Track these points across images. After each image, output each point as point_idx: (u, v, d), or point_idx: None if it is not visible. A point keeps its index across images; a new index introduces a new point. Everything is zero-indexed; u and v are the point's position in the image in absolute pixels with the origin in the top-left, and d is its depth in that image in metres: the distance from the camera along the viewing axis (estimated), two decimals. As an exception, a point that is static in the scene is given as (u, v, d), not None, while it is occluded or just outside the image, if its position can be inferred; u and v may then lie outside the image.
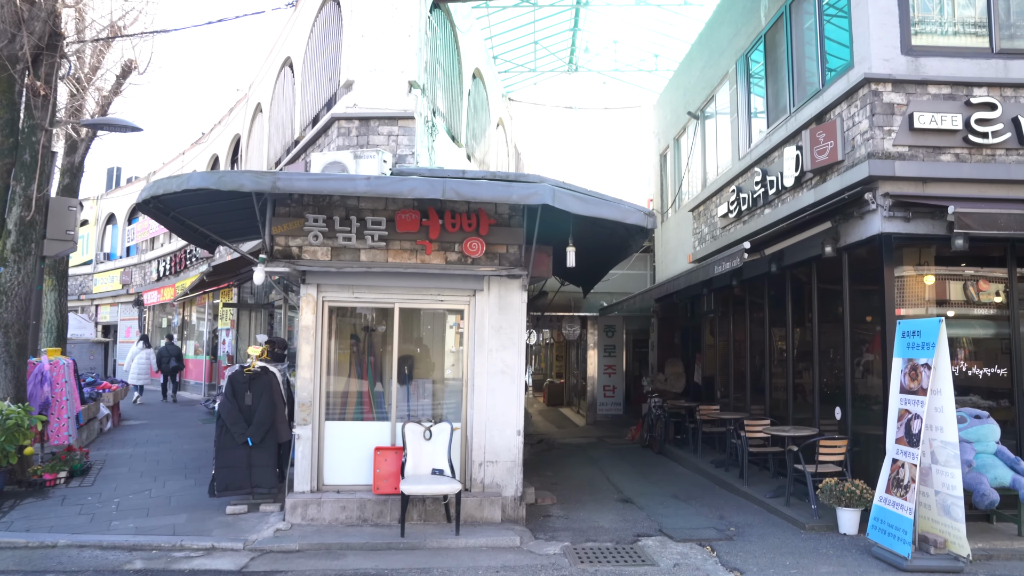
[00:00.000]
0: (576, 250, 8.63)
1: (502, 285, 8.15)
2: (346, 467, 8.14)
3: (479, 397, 8.16)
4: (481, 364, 8.14)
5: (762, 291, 11.96)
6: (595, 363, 20.86)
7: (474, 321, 8.19)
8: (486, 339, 8.16)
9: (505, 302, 8.15)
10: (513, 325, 8.17)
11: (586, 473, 12.11)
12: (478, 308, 8.16)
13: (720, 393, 13.98)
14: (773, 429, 9.53)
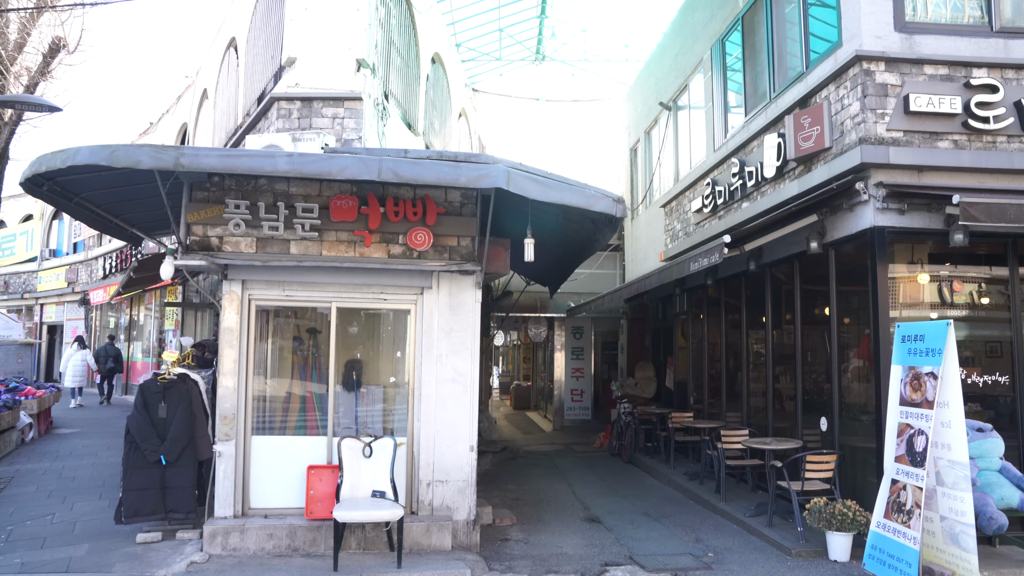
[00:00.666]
0: (539, 245, 7.76)
1: (453, 282, 7.23)
2: (276, 488, 7.15)
3: (427, 408, 7.22)
4: (429, 371, 7.21)
5: (739, 291, 11.18)
6: (562, 366, 20.02)
7: (421, 323, 7.26)
8: (435, 343, 7.23)
9: (456, 301, 7.23)
10: (465, 327, 7.26)
11: (551, 486, 11.23)
12: (426, 308, 7.23)
13: (693, 399, 13.20)
14: (753, 441, 8.73)
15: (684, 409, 13.30)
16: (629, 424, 13.80)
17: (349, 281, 7.06)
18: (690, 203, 13.00)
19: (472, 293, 7.24)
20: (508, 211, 7.89)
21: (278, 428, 7.41)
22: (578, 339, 20.13)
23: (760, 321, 10.67)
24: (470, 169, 5.79)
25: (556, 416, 19.98)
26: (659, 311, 15.72)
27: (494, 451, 15.34)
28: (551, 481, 11.73)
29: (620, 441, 14.41)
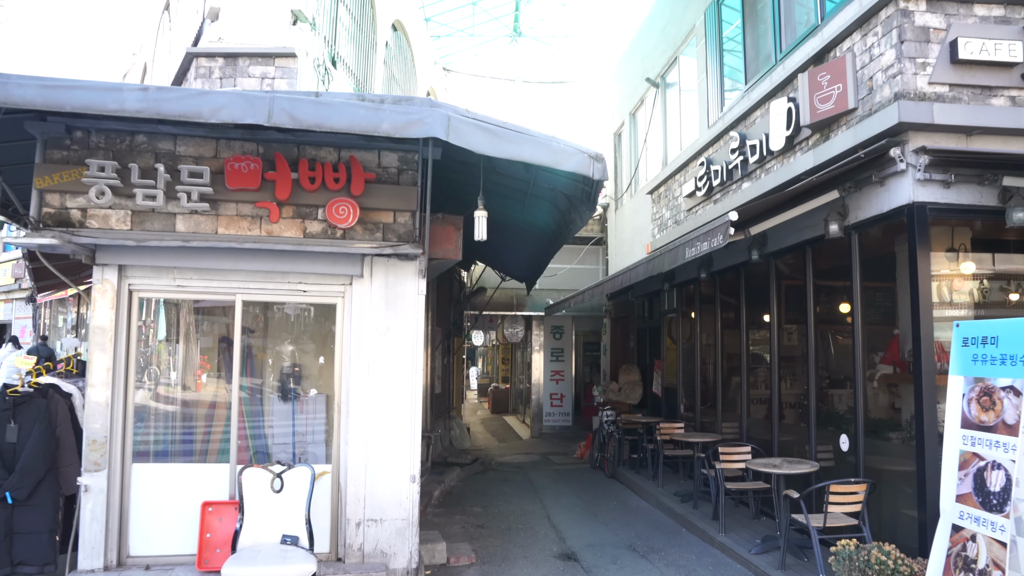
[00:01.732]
0: (506, 230, 6.40)
1: (390, 270, 5.74)
2: (163, 530, 5.64)
3: (357, 427, 5.73)
4: (360, 381, 5.72)
5: (737, 286, 9.77)
6: (541, 368, 18.58)
7: (350, 320, 5.76)
8: (368, 345, 5.74)
9: (395, 293, 5.75)
10: (406, 325, 5.77)
11: (523, 508, 9.77)
12: (356, 302, 5.73)
13: (684, 407, 11.78)
14: (759, 464, 7.30)
15: (673, 418, 11.90)
16: (612, 434, 12.38)
17: (257, 268, 5.55)
18: (680, 187, 11.59)
19: (414, 283, 5.76)
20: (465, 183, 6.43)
21: (171, 453, 5.88)
22: (558, 339, 18.69)
23: (762, 320, 9.26)
24: (396, 113, 4.30)
25: (534, 422, 18.53)
26: (645, 309, 14.30)
27: (464, 463, 13.87)
28: (524, 501, 10.27)
29: (602, 453, 12.98)
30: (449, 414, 16.22)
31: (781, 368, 8.62)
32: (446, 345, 15.88)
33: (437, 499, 10.34)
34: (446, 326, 15.91)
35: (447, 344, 15.98)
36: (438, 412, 14.84)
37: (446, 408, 15.88)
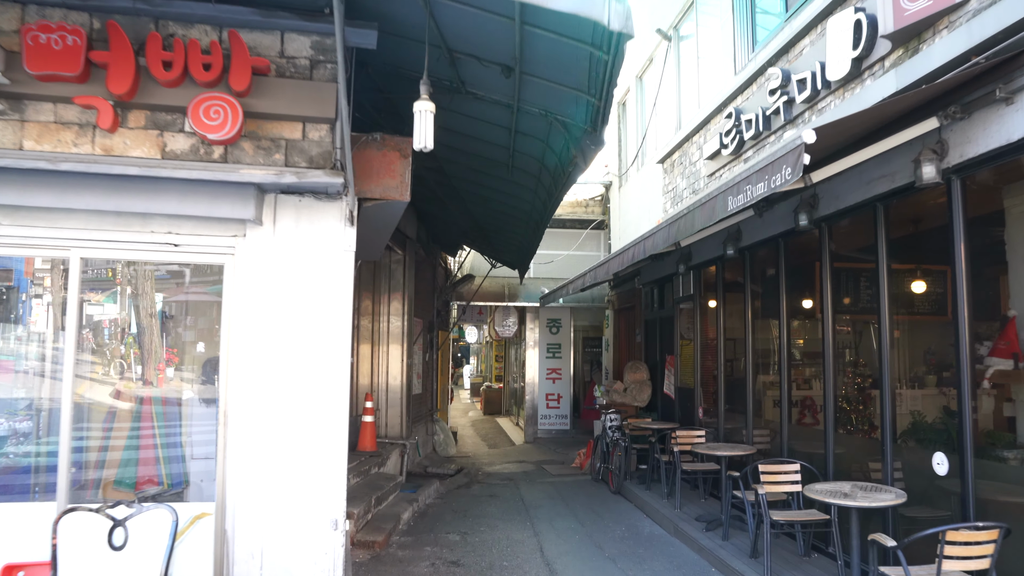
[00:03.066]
0: (494, 195, 4.54)
1: (302, 214, 3.92)
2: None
3: (250, 449, 3.90)
4: (255, 380, 3.89)
5: (774, 264, 7.92)
6: (536, 366, 16.74)
7: (243, 288, 3.92)
8: (268, 327, 3.91)
9: (310, 249, 3.92)
10: (328, 297, 3.95)
11: (510, 535, 7.92)
12: (251, 261, 3.90)
13: (702, 411, 9.93)
14: (822, 490, 5.45)
15: (689, 424, 10.06)
16: (618, 442, 10.53)
17: (98, 205, 3.70)
18: (699, 150, 9.75)
19: (338, 234, 3.93)
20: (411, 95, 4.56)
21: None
22: (555, 334, 16.85)
23: (808, 307, 7.45)
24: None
25: (528, 425, 16.68)
26: (654, 298, 12.44)
27: (446, 474, 12.02)
28: (512, 526, 8.42)
29: (605, 463, 11.14)
30: (432, 417, 14.37)
31: (836, 367, 6.77)
32: (428, 339, 14.03)
33: (407, 523, 8.50)
34: (428, 318, 14.06)
35: (430, 338, 14.13)
36: (417, 415, 12.98)
37: (428, 411, 14.03)
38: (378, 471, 9.58)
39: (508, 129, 5.40)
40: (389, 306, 11.54)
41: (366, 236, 5.27)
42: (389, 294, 11.56)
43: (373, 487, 8.68)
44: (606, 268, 8.38)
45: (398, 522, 8.26)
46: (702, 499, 9.07)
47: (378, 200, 4.12)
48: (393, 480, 9.36)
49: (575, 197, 16.81)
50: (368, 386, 11.15)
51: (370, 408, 9.94)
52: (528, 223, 9.04)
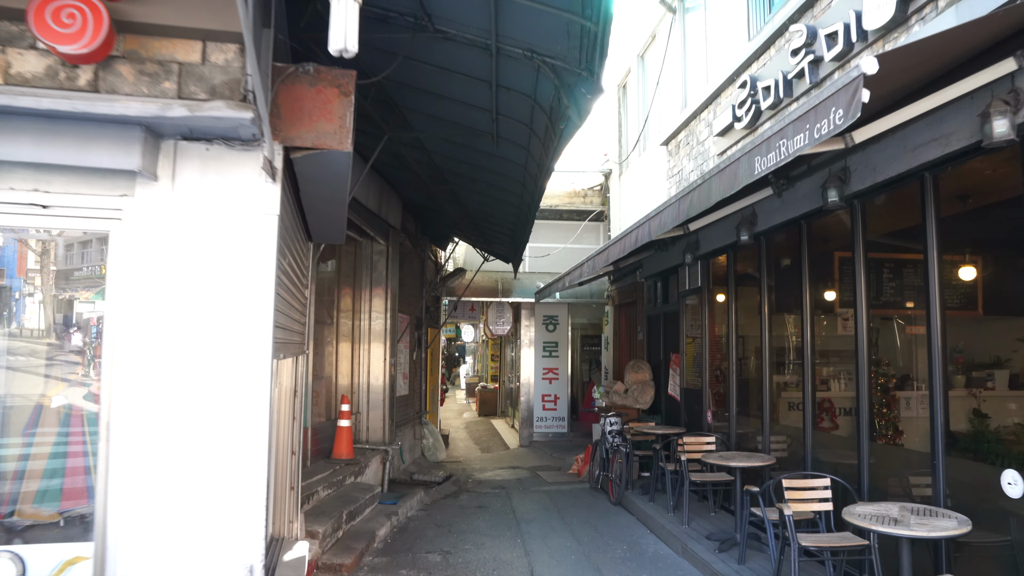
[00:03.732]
0: (477, 170, 3.70)
1: (208, 166, 3.04)
2: None
3: (140, 469, 2.99)
4: (147, 381, 3.00)
5: (795, 250, 7.03)
6: (531, 365, 15.85)
7: (133, 262, 3.01)
8: (165, 313, 3.00)
9: (219, 212, 3.03)
10: (244, 275, 3.03)
11: (498, 555, 7.02)
12: (143, 228, 3.01)
13: (711, 415, 9.04)
14: (865, 513, 4.55)
15: (697, 429, 9.19)
16: (618, 448, 9.64)
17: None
18: (708, 127, 8.87)
19: (260, 193, 3.02)
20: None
21: None
22: (551, 332, 15.95)
23: (831, 301, 6.59)
24: None
25: (523, 428, 15.80)
26: (657, 292, 11.55)
27: (433, 481, 11.13)
28: (501, 544, 7.53)
29: (605, 471, 10.26)
30: (420, 420, 13.48)
31: (871, 366, 5.88)
32: (416, 337, 13.14)
33: (383, 540, 7.61)
34: (416, 314, 13.17)
35: (418, 336, 13.23)
36: (403, 419, 12.08)
37: (415, 413, 13.14)
38: (355, 481, 8.68)
39: (488, 83, 4.52)
40: (371, 301, 10.65)
41: (315, 207, 4.39)
42: (371, 288, 10.67)
43: (346, 500, 7.79)
44: (605, 255, 7.48)
45: (372, 540, 7.37)
46: (712, 513, 8.18)
47: (310, 150, 3.21)
48: (371, 491, 8.47)
49: (572, 187, 15.93)
50: (348, 387, 10.26)
51: (346, 411, 9.05)
52: (520, 207, 8.16)
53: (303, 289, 5.60)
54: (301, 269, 5.16)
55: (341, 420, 9.02)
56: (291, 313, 4.37)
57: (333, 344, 9.72)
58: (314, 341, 8.74)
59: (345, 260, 10.21)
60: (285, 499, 5.79)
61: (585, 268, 8.50)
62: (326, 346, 9.36)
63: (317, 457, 8.78)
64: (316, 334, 8.82)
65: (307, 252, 5.80)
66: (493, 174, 7.30)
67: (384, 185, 9.94)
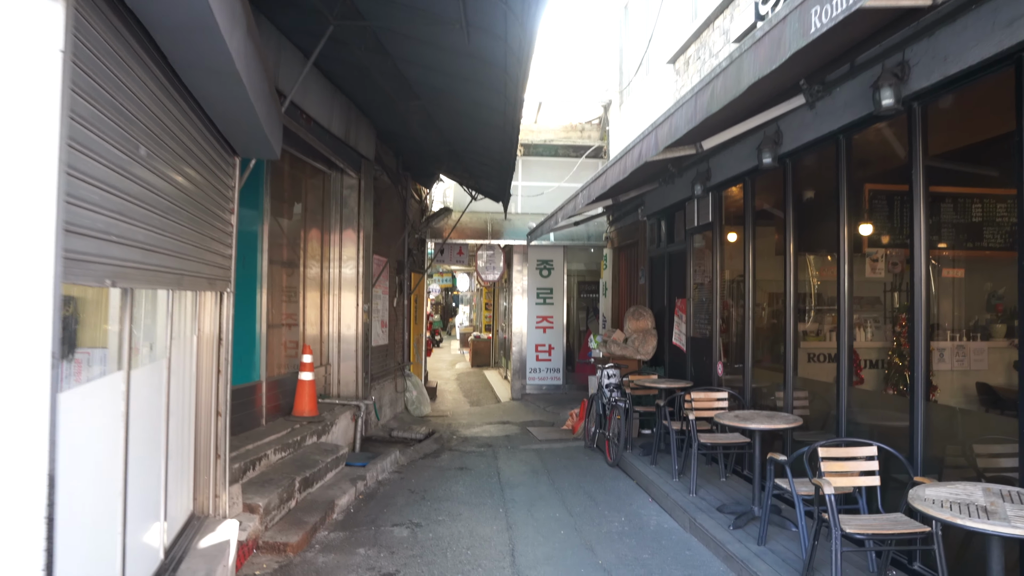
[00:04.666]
0: (444, 76, 2.58)
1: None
2: None
3: None
4: None
5: (830, 174, 5.86)
6: (524, 313, 14.78)
7: None
8: None
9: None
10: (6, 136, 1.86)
11: (474, 529, 6.02)
12: None
13: (722, 367, 7.97)
14: (940, 498, 3.47)
15: (705, 383, 8.15)
16: (616, 403, 8.61)
17: None
18: (723, 35, 7.62)
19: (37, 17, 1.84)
20: None
21: None
22: (545, 277, 14.84)
23: (877, 236, 5.46)
24: None
25: (515, 380, 14.81)
26: (661, 231, 10.39)
27: (414, 439, 10.18)
28: (480, 514, 6.53)
29: (601, 429, 9.25)
30: (403, 372, 12.46)
31: (931, 316, 4.77)
32: (397, 282, 12.04)
33: (344, 511, 6.61)
34: (398, 257, 12.05)
35: (399, 280, 12.13)
36: (382, 371, 11.05)
37: (397, 365, 12.11)
38: (316, 441, 7.67)
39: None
40: (341, 241, 9.51)
41: (208, 93, 3.23)
42: (341, 226, 9.52)
43: (303, 464, 6.77)
44: (603, 180, 6.31)
45: (330, 511, 6.37)
46: (722, 478, 7.18)
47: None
48: (335, 453, 7.46)
49: (568, 120, 14.63)
50: (316, 337, 9.18)
51: (308, 363, 7.98)
52: (503, 127, 6.97)
53: (220, 213, 4.45)
54: (207, 180, 4.01)
55: (302, 373, 7.96)
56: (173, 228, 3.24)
57: (299, 288, 8.62)
58: (272, 283, 7.63)
59: (312, 195, 9.04)
60: (209, 469, 4.74)
61: (580, 199, 7.33)
62: (288, 290, 8.25)
63: (275, 415, 7.75)
64: (274, 276, 7.71)
65: (229, 166, 4.63)
66: (468, 83, 6.10)
67: (351, 108, 8.71)
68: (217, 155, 4.28)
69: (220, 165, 4.38)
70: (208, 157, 4.05)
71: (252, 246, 7.20)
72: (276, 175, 7.75)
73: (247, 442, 6.53)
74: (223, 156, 4.45)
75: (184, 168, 3.52)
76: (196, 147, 3.74)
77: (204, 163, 3.95)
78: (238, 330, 6.99)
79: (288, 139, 7.79)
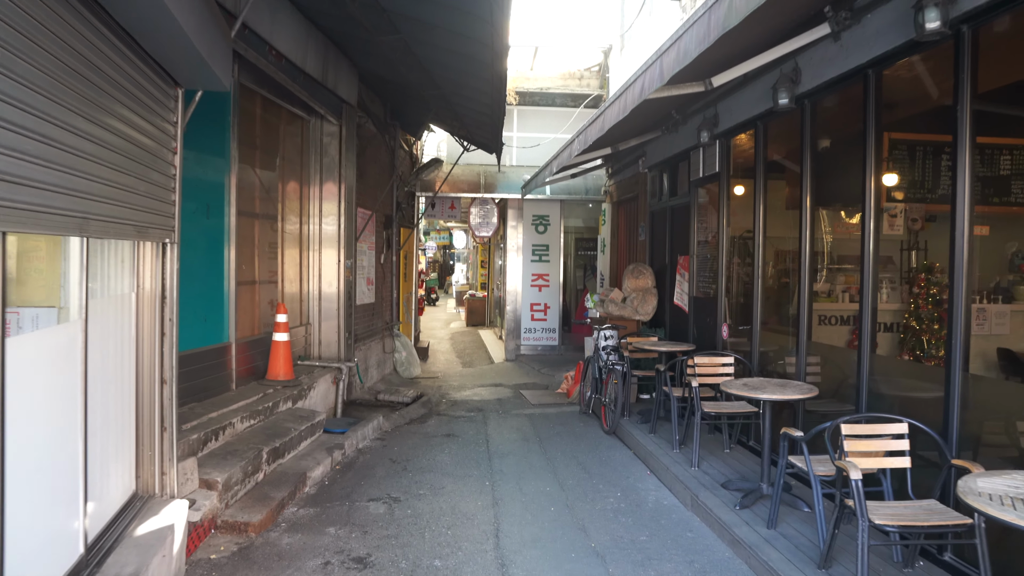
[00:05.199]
0: None
1: None
2: None
3: None
4: None
5: (855, 115, 5.23)
6: (519, 270, 14.21)
7: None
8: None
9: None
10: None
11: (457, 505, 5.52)
12: None
13: (727, 330, 7.42)
14: (996, 491, 2.93)
15: (709, 346, 7.61)
16: (614, 367, 8.08)
17: None
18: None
19: None
20: None
21: None
22: (541, 233, 14.22)
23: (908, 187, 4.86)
24: None
25: (510, 340, 14.30)
26: (663, 183, 9.75)
27: (401, 403, 9.70)
28: (464, 488, 6.03)
29: (597, 394, 8.74)
30: (392, 331, 11.92)
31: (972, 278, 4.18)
32: (385, 237, 11.44)
33: (317, 484, 6.11)
34: (385, 211, 11.43)
35: (387, 236, 11.53)
36: (368, 330, 10.52)
37: (385, 324, 11.57)
38: (291, 407, 7.15)
39: None
40: (321, 192, 8.89)
41: None
42: (321, 176, 8.88)
43: (274, 432, 6.25)
44: (600, 123, 5.66)
45: (302, 484, 5.87)
46: (726, 450, 6.69)
47: None
48: (310, 419, 6.94)
49: (566, 68, 13.86)
50: (296, 295, 8.61)
51: (283, 323, 7.42)
52: (492, 64, 6.28)
53: (157, 153, 3.83)
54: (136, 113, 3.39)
55: (276, 333, 7.41)
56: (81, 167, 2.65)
57: (276, 242, 8.02)
58: (243, 237, 7.02)
59: (289, 143, 8.39)
60: (154, 444, 4.20)
61: (575, 145, 6.68)
62: (263, 244, 7.65)
63: (248, 378, 7.22)
64: (245, 229, 7.11)
65: (167, 98, 4.00)
66: (450, 11, 5.41)
67: (329, 47, 8.01)
68: (150, 84, 3.65)
69: (155, 96, 3.75)
70: (135, 85, 3.42)
71: (218, 196, 6.59)
72: (245, 119, 7.10)
73: (212, 409, 5.99)
74: (158, 87, 3.81)
75: (96, 96, 2.91)
76: (115, 70, 3.11)
77: (129, 92, 3.33)
78: (203, 288, 6.42)
79: (256, 77, 7.11)
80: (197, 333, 6.24)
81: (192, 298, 6.15)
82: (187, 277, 6.04)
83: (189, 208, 6.01)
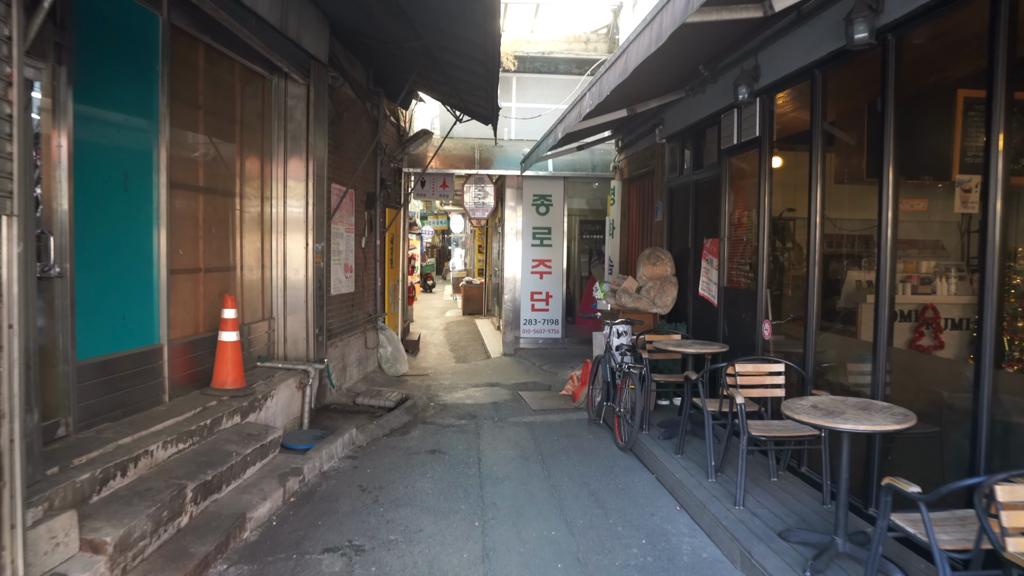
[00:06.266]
0: None
1: None
2: None
3: None
4: None
5: (967, 53, 3.87)
6: (518, 256, 12.89)
7: None
8: None
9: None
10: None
11: (434, 562, 4.22)
12: None
13: (769, 328, 6.10)
14: None
15: (745, 347, 6.32)
16: (630, 371, 6.76)
17: None
18: None
19: None
20: None
21: None
22: (543, 214, 12.88)
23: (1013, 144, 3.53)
24: None
25: (508, 332, 12.99)
26: (684, 155, 8.40)
27: (381, 408, 8.43)
28: (445, 531, 4.74)
29: (610, 401, 7.44)
30: (375, 324, 10.62)
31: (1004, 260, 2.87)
32: (367, 218, 10.11)
33: (261, 527, 4.82)
34: (368, 189, 10.09)
35: (368, 216, 10.20)
36: (346, 324, 9.22)
37: (368, 316, 10.26)
38: (239, 423, 5.86)
39: None
40: (285, 165, 7.56)
41: None
42: (285, 147, 7.55)
43: (208, 459, 4.96)
44: (623, 63, 4.30)
45: (238, 529, 4.58)
46: (773, 478, 5.40)
47: None
48: (262, 438, 5.65)
49: (571, 30, 12.46)
50: (257, 285, 7.31)
51: (230, 319, 6.10)
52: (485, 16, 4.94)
53: None
54: None
55: (223, 333, 6.09)
56: None
57: (228, 222, 6.69)
58: (179, 215, 5.71)
59: (248, 106, 7.04)
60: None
61: (587, 99, 5.31)
62: (210, 224, 6.32)
63: (188, 387, 5.91)
64: (182, 206, 5.79)
65: None
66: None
67: (290, -14, 6.65)
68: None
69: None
70: None
71: (142, 164, 5.27)
72: (183, 70, 5.76)
73: (126, 432, 4.70)
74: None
75: None
76: None
77: None
78: (121, 278, 5.12)
79: (197, 21, 5.78)
80: (113, 334, 4.95)
81: (104, 291, 4.85)
82: (95, 264, 4.75)
83: (93, 176, 4.69)
